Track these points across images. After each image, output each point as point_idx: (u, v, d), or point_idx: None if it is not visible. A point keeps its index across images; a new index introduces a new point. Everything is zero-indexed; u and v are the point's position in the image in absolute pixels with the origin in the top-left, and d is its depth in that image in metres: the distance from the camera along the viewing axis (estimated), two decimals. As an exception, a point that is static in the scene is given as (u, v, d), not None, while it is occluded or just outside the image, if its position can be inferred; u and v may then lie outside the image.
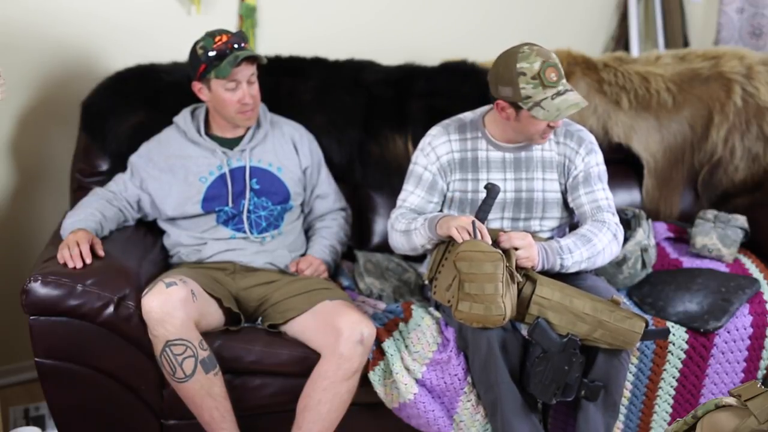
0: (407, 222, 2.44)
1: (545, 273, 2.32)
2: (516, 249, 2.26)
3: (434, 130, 2.53)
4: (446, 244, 2.35)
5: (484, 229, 2.25)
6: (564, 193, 2.50)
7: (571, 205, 2.49)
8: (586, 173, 2.46)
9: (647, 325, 2.24)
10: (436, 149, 2.49)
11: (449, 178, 2.50)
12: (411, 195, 2.51)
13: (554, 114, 2.27)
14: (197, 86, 2.56)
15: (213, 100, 2.56)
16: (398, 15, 3.32)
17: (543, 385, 2.23)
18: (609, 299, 2.25)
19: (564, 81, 2.31)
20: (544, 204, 2.48)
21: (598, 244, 2.36)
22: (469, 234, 2.23)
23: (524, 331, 2.31)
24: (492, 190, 2.31)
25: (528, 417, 2.28)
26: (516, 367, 2.29)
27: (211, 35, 2.51)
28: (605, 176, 2.50)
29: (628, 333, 2.23)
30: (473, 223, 2.24)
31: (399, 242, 2.48)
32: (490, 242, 2.23)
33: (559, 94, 2.28)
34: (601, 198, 2.45)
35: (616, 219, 2.44)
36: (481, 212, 2.30)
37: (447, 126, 2.52)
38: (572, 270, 2.35)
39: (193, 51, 2.52)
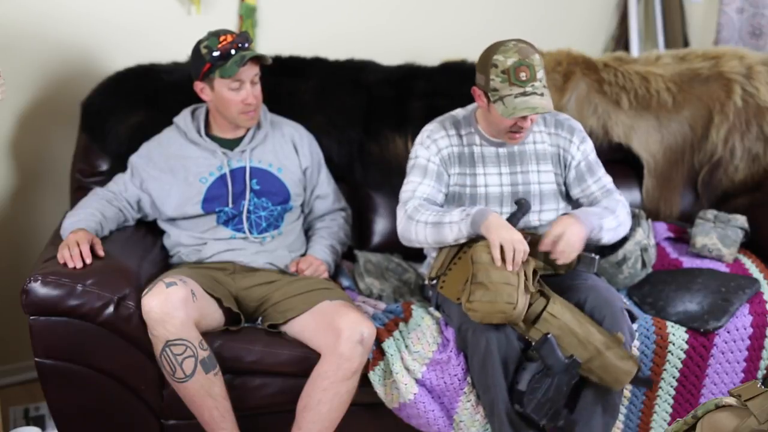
0: (437, 213, 2.35)
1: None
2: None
3: (431, 126, 2.52)
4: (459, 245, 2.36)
5: (520, 258, 2.22)
6: (561, 184, 2.51)
7: (580, 195, 2.52)
8: (587, 162, 2.51)
9: (639, 369, 2.27)
10: (437, 142, 2.48)
11: (449, 171, 2.49)
12: (420, 185, 2.44)
13: (510, 112, 2.27)
14: (199, 86, 2.56)
15: (215, 100, 2.56)
16: (398, 15, 3.32)
17: (538, 402, 2.22)
18: (612, 335, 2.26)
19: (537, 84, 2.27)
20: (541, 196, 2.48)
21: (620, 215, 2.44)
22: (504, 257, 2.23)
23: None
24: (523, 205, 2.33)
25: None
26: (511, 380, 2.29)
27: (215, 35, 2.50)
28: (599, 161, 2.56)
29: (621, 372, 2.25)
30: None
31: (422, 234, 2.37)
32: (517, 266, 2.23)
33: (524, 94, 2.26)
34: (607, 182, 2.53)
35: (624, 198, 2.52)
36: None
37: (442, 122, 2.52)
38: (604, 240, 2.39)
39: (197, 50, 2.52)
